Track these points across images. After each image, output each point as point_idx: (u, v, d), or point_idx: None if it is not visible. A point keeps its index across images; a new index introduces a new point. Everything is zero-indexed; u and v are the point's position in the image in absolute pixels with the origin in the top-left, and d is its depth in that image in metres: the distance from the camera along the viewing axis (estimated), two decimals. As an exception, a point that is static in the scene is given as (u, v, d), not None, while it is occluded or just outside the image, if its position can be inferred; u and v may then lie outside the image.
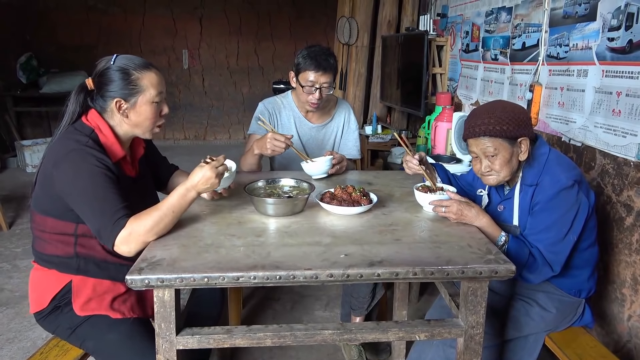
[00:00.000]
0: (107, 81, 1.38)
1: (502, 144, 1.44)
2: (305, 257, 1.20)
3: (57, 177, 1.31)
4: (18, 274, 2.96)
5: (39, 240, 1.45)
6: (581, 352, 1.53)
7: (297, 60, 2.05)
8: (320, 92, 2.04)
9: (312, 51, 2.03)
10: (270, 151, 1.87)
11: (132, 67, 1.39)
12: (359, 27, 4.41)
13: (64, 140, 1.36)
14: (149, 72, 1.41)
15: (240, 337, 1.22)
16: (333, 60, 2.05)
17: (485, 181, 1.53)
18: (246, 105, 7.10)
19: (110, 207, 1.28)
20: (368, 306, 2.06)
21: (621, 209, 1.80)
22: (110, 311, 1.41)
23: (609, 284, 1.88)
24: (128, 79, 1.38)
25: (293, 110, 2.22)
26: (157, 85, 1.42)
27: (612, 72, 1.82)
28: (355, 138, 2.32)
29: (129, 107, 1.40)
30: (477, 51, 3.07)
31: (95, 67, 1.42)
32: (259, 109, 2.21)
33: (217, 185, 1.37)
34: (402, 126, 4.44)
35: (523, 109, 1.50)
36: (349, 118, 2.31)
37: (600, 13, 1.89)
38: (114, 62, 1.38)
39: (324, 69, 2.00)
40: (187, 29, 6.72)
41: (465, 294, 1.24)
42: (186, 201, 1.34)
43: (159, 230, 1.29)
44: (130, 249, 1.27)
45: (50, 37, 6.18)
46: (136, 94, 1.39)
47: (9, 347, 2.25)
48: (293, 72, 2.10)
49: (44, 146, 5.41)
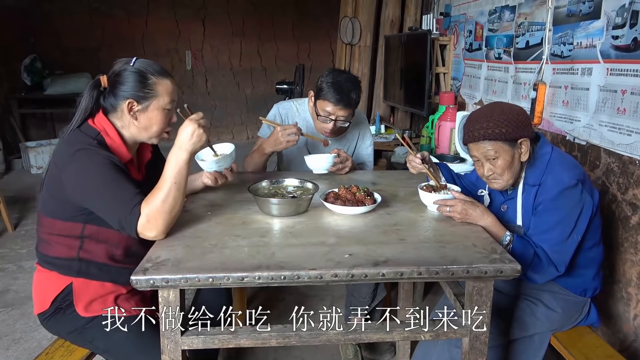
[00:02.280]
0: (123, 81, 1.39)
1: (503, 147, 1.44)
2: (310, 257, 1.20)
3: (66, 180, 1.32)
4: (23, 275, 2.97)
5: (43, 242, 1.45)
6: (587, 352, 1.52)
7: (320, 84, 1.95)
8: (335, 123, 1.97)
9: (338, 81, 1.92)
10: (285, 143, 1.84)
11: (150, 71, 1.40)
12: (362, 27, 4.41)
13: (69, 143, 1.36)
14: (165, 79, 1.42)
15: (245, 337, 1.23)
16: (356, 95, 1.95)
17: (491, 185, 1.53)
18: (249, 106, 7.10)
19: (125, 197, 1.28)
20: (369, 306, 2.05)
21: (627, 208, 1.79)
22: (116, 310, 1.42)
23: (614, 283, 1.87)
24: (145, 82, 1.39)
25: (307, 120, 2.15)
26: (171, 93, 1.44)
27: (617, 70, 1.82)
28: (368, 154, 2.23)
29: (141, 110, 1.41)
30: (480, 50, 3.06)
31: (112, 66, 1.42)
32: (272, 112, 2.17)
33: (205, 138, 1.34)
34: (406, 126, 4.43)
35: (521, 110, 1.49)
36: (363, 134, 2.23)
37: (604, 11, 1.88)
38: (133, 64, 1.39)
39: (345, 104, 1.91)
40: (190, 31, 6.73)
41: (471, 294, 1.24)
42: (182, 166, 1.31)
43: (169, 205, 1.27)
44: (153, 233, 1.27)
45: (55, 39, 6.20)
46: (150, 98, 1.40)
47: (15, 347, 2.26)
48: (313, 92, 2.02)
49: (48, 147, 5.43)
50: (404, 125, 4.43)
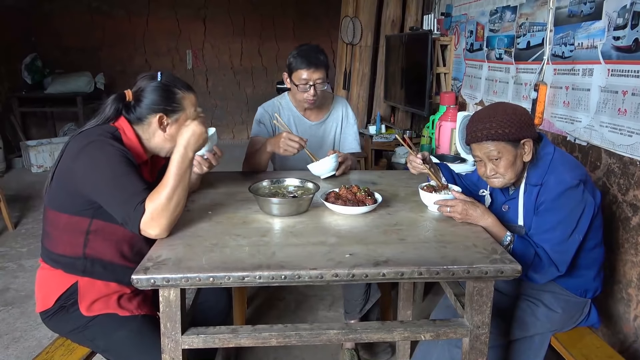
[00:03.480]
0: (151, 95, 1.44)
1: (506, 147, 1.44)
2: (310, 256, 1.20)
3: (77, 170, 1.33)
4: (23, 273, 2.97)
5: (49, 237, 1.45)
6: (587, 353, 1.52)
7: (288, 61, 2.10)
8: (315, 88, 2.07)
9: (302, 50, 2.08)
10: (282, 150, 1.89)
11: (178, 86, 1.48)
12: (363, 26, 4.41)
13: (84, 136, 1.37)
14: (190, 94, 1.51)
15: (245, 336, 1.23)
16: (323, 57, 2.08)
17: (491, 184, 1.53)
18: (250, 106, 7.11)
19: (131, 193, 1.28)
20: (361, 309, 2.04)
21: (627, 209, 1.79)
22: (118, 309, 1.42)
23: (615, 284, 1.87)
24: (173, 97, 1.46)
25: (291, 110, 2.26)
26: (195, 105, 1.53)
27: (618, 71, 1.82)
28: (354, 132, 2.33)
29: (171, 123, 1.47)
30: (481, 50, 3.06)
31: (136, 80, 1.48)
32: (259, 113, 2.25)
33: (206, 137, 1.41)
34: (406, 126, 4.43)
35: (524, 110, 1.49)
36: (346, 112, 2.33)
37: (605, 12, 1.88)
38: (160, 79, 1.46)
39: (315, 65, 2.04)
40: (190, 30, 6.73)
41: (471, 294, 1.24)
42: (187, 165, 1.35)
43: (174, 204, 1.29)
44: (156, 231, 1.27)
45: (55, 38, 6.21)
46: (179, 112, 1.47)
47: (15, 346, 2.26)
48: (286, 73, 2.14)
49: (49, 146, 5.43)
50: (404, 125, 4.43)
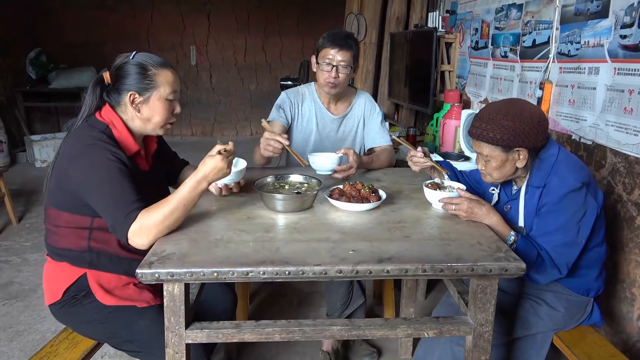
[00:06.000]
0: (124, 74, 1.41)
1: (495, 151, 1.45)
2: (314, 253, 1.20)
3: (73, 173, 1.33)
4: (27, 267, 2.99)
5: (51, 234, 1.46)
6: (590, 352, 1.52)
7: (318, 43, 2.06)
8: (337, 70, 2.00)
9: (333, 32, 2.04)
10: (263, 150, 1.78)
11: (150, 63, 1.42)
12: (367, 23, 4.39)
13: (79, 136, 1.38)
14: (165, 70, 1.44)
15: (249, 332, 1.23)
16: (352, 41, 2.02)
17: (483, 178, 1.57)
18: (253, 102, 7.09)
19: (124, 201, 1.29)
20: (340, 314, 2.01)
21: (632, 208, 1.79)
22: (137, 301, 1.44)
23: (618, 283, 1.87)
24: (145, 73, 1.41)
25: (315, 101, 2.18)
26: (172, 83, 1.46)
27: (624, 69, 1.81)
28: (378, 123, 2.23)
29: (142, 102, 1.43)
30: (486, 48, 3.05)
31: (113, 62, 1.45)
32: (281, 98, 2.17)
33: (228, 174, 1.37)
34: (410, 123, 4.42)
35: (534, 119, 1.42)
36: (371, 105, 2.24)
37: (612, 10, 1.87)
38: (132, 58, 1.42)
39: (340, 46, 1.98)
40: (195, 26, 6.73)
41: (475, 292, 1.24)
42: (197, 193, 1.34)
43: (169, 223, 1.30)
44: (143, 241, 1.28)
45: (60, 33, 6.22)
46: (151, 89, 1.42)
47: (19, 339, 2.28)
48: (314, 55, 2.09)
49: (53, 141, 5.45)
50: (408, 123, 4.42)
